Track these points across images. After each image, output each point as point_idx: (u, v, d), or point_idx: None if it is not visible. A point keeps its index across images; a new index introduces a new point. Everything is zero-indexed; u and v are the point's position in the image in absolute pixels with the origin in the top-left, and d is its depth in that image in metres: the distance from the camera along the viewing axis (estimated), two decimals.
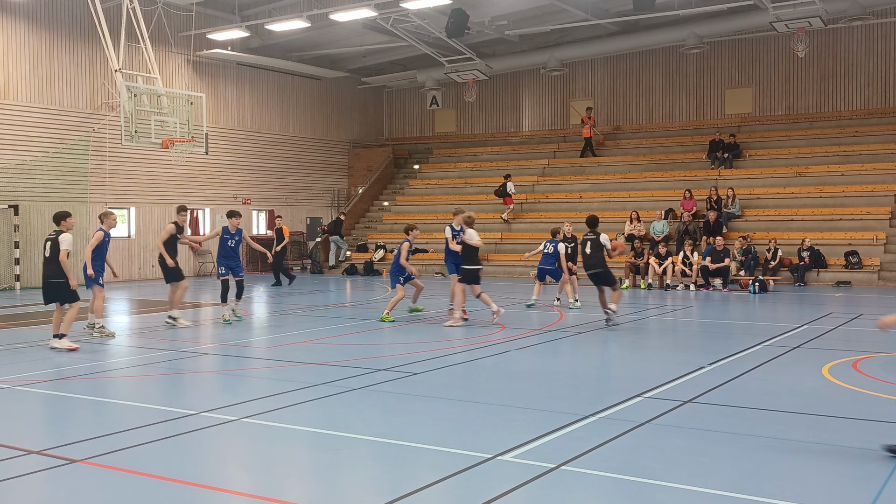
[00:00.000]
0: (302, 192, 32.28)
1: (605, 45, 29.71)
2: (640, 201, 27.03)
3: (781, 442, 6.57)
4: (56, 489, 5.78)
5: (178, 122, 22.57)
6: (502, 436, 6.85)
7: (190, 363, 10.93)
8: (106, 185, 24.98)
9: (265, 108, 30.67)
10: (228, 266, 14.99)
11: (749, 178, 26.68)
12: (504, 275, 26.29)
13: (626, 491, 5.54)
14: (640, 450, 6.47)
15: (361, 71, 33.47)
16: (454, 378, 9.60)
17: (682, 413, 7.68)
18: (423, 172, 33.91)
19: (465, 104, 33.65)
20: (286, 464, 6.40)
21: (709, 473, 5.81)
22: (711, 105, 30.10)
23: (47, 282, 11.57)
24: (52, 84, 23.82)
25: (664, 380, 9.15)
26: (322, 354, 11.17)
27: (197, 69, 27.83)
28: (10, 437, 6.95)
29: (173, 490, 5.62)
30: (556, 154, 31.84)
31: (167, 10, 24.60)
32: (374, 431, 7.07)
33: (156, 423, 7.39)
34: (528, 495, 5.46)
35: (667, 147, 29.85)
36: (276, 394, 8.58)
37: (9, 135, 22.65)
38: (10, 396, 8.71)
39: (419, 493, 5.49)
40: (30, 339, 12.84)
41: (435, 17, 26.08)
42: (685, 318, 16.03)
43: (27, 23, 23.16)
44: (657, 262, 21.82)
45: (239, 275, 15.04)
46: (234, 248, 14.98)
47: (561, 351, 11.76)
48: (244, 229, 15.82)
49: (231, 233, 14.88)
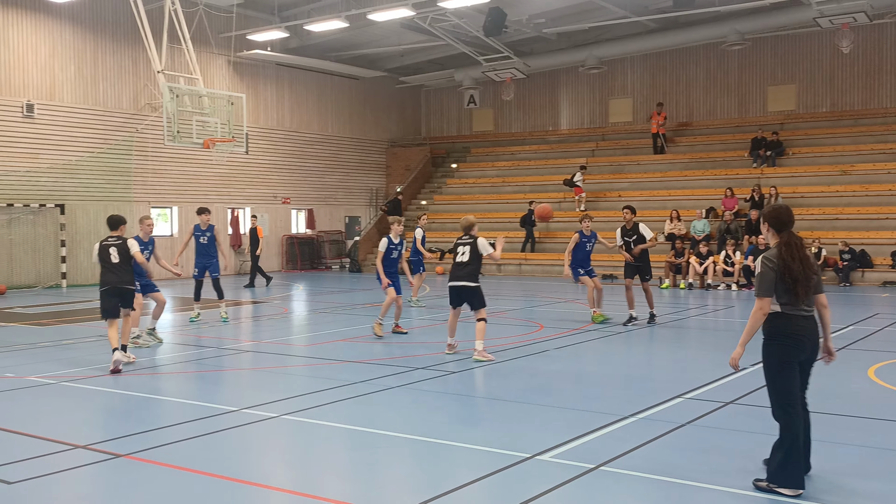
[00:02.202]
0: (340, 191, 32.48)
1: (645, 42, 29.42)
2: (680, 200, 26.72)
3: (828, 445, 6.43)
4: (101, 483, 5.89)
5: (218, 123, 22.83)
6: (540, 435, 6.82)
7: (231, 360, 11.06)
8: (149, 184, 25.38)
9: (304, 108, 30.92)
10: (203, 265, 14.68)
11: (792, 177, 26.24)
12: (542, 273, 26.20)
13: (666, 492, 5.49)
14: (681, 451, 6.40)
15: (399, 70, 33.57)
16: (491, 377, 9.58)
17: (724, 415, 7.58)
18: (460, 171, 33.91)
19: (502, 103, 33.57)
20: (325, 461, 6.44)
21: (751, 476, 5.72)
22: (753, 102, 29.66)
23: (119, 288, 10.40)
24: (97, 85, 24.26)
25: (705, 381, 9.04)
26: (360, 352, 11.23)
27: (237, 70, 28.15)
28: (57, 432, 7.09)
29: (215, 485, 5.70)
30: (595, 152, 31.63)
31: (208, 12, 24.91)
32: (412, 430, 7.08)
33: (198, 420, 7.49)
34: (566, 495, 5.44)
35: (708, 145, 29.48)
36: (315, 391, 8.65)
37: (55, 135, 23.13)
38: (57, 392, 8.90)
39: (457, 491, 5.50)
40: (76, 335, 13.09)
41: (472, 16, 26.05)
42: (727, 318, 15.82)
43: (72, 26, 23.62)
44: (698, 261, 21.58)
45: (214, 274, 14.66)
46: (207, 246, 14.65)
47: (599, 351, 11.67)
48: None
49: (202, 229, 14.64)
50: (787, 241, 5.50)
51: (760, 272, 5.49)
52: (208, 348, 11.79)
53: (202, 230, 14.71)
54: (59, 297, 20.33)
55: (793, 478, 5.38)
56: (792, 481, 5.37)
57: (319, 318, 15.64)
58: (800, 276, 5.39)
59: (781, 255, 5.44)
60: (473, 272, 10.59)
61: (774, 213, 5.65)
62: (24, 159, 22.42)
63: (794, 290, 5.40)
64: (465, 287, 10.57)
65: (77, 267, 23.45)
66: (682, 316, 15.84)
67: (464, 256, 10.61)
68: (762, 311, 5.47)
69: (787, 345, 5.48)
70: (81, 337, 12.84)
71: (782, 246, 5.49)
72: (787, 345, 5.48)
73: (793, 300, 5.43)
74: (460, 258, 10.65)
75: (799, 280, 5.39)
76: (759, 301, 5.49)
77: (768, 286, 5.45)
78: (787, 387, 5.50)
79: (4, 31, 22.12)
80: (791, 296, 5.42)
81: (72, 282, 23.14)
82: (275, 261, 29.68)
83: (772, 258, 5.47)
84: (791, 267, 5.38)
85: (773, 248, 5.57)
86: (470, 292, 10.58)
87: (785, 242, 5.50)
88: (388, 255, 12.61)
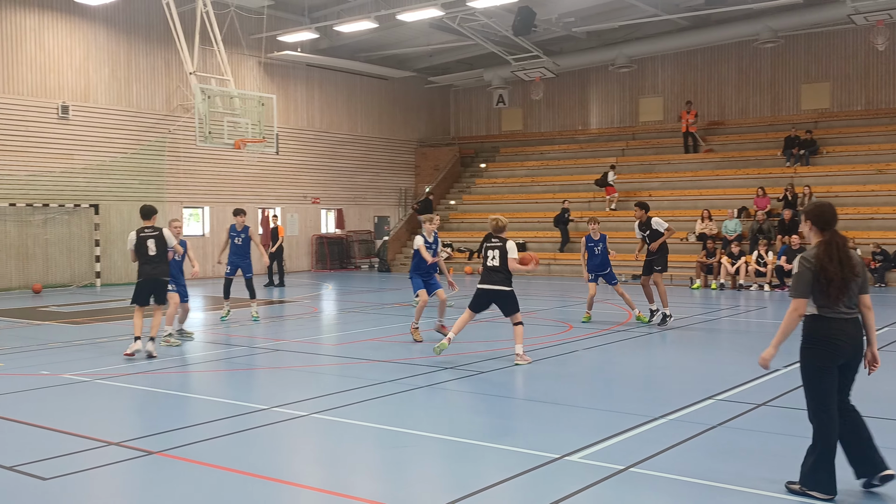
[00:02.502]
0: (369, 191, 32.60)
1: (676, 40, 29.17)
2: (711, 199, 26.46)
3: None
4: (133, 480, 5.96)
5: (249, 123, 23.01)
6: (569, 436, 6.79)
7: (261, 359, 11.14)
8: (181, 184, 25.66)
9: (334, 109, 31.07)
10: (236, 264, 14.97)
11: (826, 176, 25.87)
12: (571, 274, 26.08)
13: (697, 494, 5.44)
14: (712, 453, 6.34)
15: (428, 70, 33.61)
16: (520, 377, 9.56)
17: (756, 416, 7.49)
18: (489, 171, 33.88)
19: (531, 102, 33.46)
20: (354, 459, 6.47)
21: (783, 479, 5.64)
22: (787, 100, 29.28)
23: (154, 279, 10.81)
24: (130, 87, 24.58)
25: (737, 382, 8.94)
26: (389, 352, 11.26)
27: (268, 71, 28.36)
28: (90, 429, 7.20)
29: (245, 483, 5.74)
30: (625, 152, 31.43)
31: (239, 14, 25.12)
32: (441, 429, 7.09)
33: (229, 418, 7.56)
34: (595, 496, 5.40)
35: (740, 144, 29.17)
36: (345, 390, 8.69)
37: (90, 136, 23.47)
38: (91, 389, 9.03)
39: (485, 491, 5.49)
40: (109, 333, 13.27)
41: (501, 16, 26.01)
42: (759, 318, 15.64)
43: (106, 28, 23.94)
44: (730, 261, 21.35)
45: (247, 274, 14.91)
46: (242, 246, 14.93)
47: (629, 351, 11.59)
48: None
49: (238, 230, 14.93)
50: (829, 240, 5.28)
51: (797, 272, 5.32)
52: (239, 347, 11.89)
53: (237, 231, 14.99)
54: (93, 295, 20.63)
55: (824, 482, 5.28)
56: (823, 485, 5.28)
57: (349, 318, 15.71)
58: (835, 277, 5.18)
59: (819, 254, 5.23)
60: (508, 276, 10.29)
61: (817, 211, 5.40)
62: (59, 160, 22.78)
63: (826, 292, 5.21)
64: (499, 291, 10.25)
65: (111, 266, 23.78)
66: (713, 317, 15.68)
67: (494, 261, 10.29)
68: (797, 312, 5.29)
69: (824, 349, 5.29)
70: (115, 335, 13.02)
71: (822, 245, 5.27)
72: (824, 349, 5.29)
73: (828, 302, 5.24)
74: (491, 262, 10.31)
75: (833, 281, 5.18)
76: (794, 302, 5.31)
77: (804, 287, 5.26)
78: (822, 391, 5.34)
79: (40, 34, 22.49)
80: (825, 297, 5.23)
81: (105, 281, 23.47)
82: (304, 260, 29.88)
83: (810, 258, 5.27)
84: (827, 268, 5.18)
85: (812, 248, 5.36)
86: (504, 297, 10.28)
87: (826, 241, 5.27)
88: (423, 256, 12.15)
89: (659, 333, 12.93)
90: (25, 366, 10.39)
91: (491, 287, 10.28)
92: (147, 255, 10.74)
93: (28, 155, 22.16)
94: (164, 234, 10.90)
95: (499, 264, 10.26)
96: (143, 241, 10.77)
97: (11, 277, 21.76)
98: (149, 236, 10.79)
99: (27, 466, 6.05)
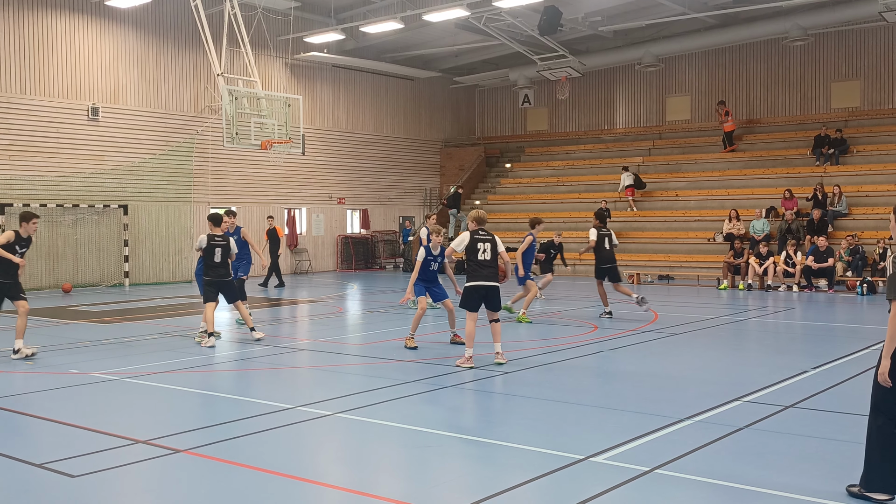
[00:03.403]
0: (394, 191, 32.67)
1: (703, 38, 28.92)
2: (739, 199, 26.22)
3: None
4: (160, 478, 6.02)
5: (276, 124, 23.16)
6: (594, 437, 6.76)
7: (287, 358, 11.21)
8: (209, 185, 25.88)
9: (359, 109, 31.18)
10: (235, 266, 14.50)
11: (857, 175, 25.52)
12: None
13: (724, 496, 5.38)
14: (739, 455, 6.27)
15: (453, 70, 33.62)
16: (545, 378, 9.53)
17: (784, 418, 7.41)
18: (514, 171, 33.81)
19: (557, 102, 33.33)
20: (378, 459, 6.48)
21: (811, 481, 5.58)
22: (816, 99, 28.92)
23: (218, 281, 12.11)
24: (159, 88, 24.84)
25: (764, 384, 8.85)
26: (413, 352, 11.27)
27: (294, 72, 28.52)
28: (118, 427, 7.28)
29: (270, 481, 5.78)
30: (651, 151, 31.22)
31: (266, 15, 25.30)
32: (464, 429, 7.08)
33: (255, 416, 7.61)
34: (621, 498, 5.37)
35: (768, 143, 28.86)
36: (369, 390, 8.71)
37: (119, 138, 23.74)
38: (119, 388, 9.13)
39: (509, 492, 5.48)
40: (138, 333, 13.42)
41: (527, 15, 25.95)
42: (787, 319, 15.47)
43: (135, 30, 24.21)
44: (758, 262, 21.14)
45: (242, 274, 14.63)
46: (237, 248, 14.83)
47: (655, 352, 11.51)
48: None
49: (230, 232, 14.41)
50: None
51: (892, 273, 5.13)
52: (263, 346, 11.97)
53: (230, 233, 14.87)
54: (121, 295, 20.87)
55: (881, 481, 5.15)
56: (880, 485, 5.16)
57: (373, 318, 15.75)
58: None
59: None
60: (497, 272, 10.07)
61: None
62: (89, 161, 23.07)
63: None
64: (491, 287, 9.99)
65: (139, 266, 24.04)
66: (740, 318, 15.53)
67: (486, 254, 9.98)
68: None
69: None
70: (143, 335, 13.16)
71: None
72: None
73: None
74: (482, 256, 9.96)
75: None
76: (893, 305, 5.05)
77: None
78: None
79: (71, 36, 22.79)
80: None
81: (134, 280, 23.73)
82: (330, 261, 30.01)
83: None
84: None
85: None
86: (494, 293, 10.05)
87: None
88: (426, 266, 11.83)
89: (684, 335, 12.83)
90: (55, 364, 10.53)
91: (483, 283, 9.98)
92: (213, 260, 12.04)
93: (59, 156, 22.47)
94: (230, 245, 12.24)
95: (490, 258, 10.02)
96: (212, 248, 12.06)
97: (42, 277, 22.07)
98: (218, 245, 12.10)
99: (56, 464, 6.13)
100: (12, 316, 12.09)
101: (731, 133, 28.84)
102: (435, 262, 11.92)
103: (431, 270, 11.92)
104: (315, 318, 15.91)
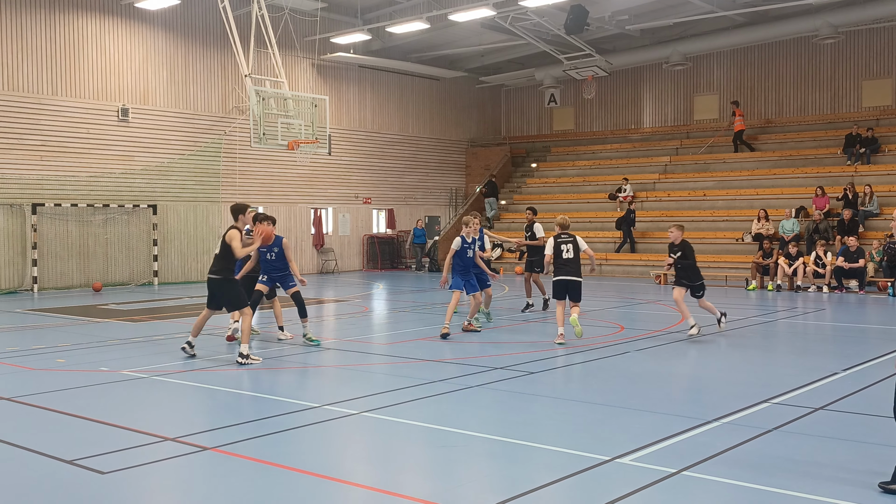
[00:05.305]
0: (420, 191, 32.71)
1: (732, 37, 28.66)
2: (768, 199, 25.95)
3: None
4: (189, 475, 6.08)
5: (302, 125, 23.27)
6: (621, 438, 6.72)
7: (314, 357, 11.26)
8: (236, 185, 26.08)
9: (385, 109, 31.26)
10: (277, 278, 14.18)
11: (888, 174, 25.15)
12: (622, 274, 25.84)
13: (751, 499, 5.33)
14: (767, 458, 6.21)
15: (479, 70, 33.60)
16: (571, 378, 9.50)
17: (813, 420, 7.33)
18: (540, 171, 33.72)
19: (583, 101, 33.20)
20: (404, 458, 6.50)
21: (841, 485, 5.51)
22: (847, 98, 28.55)
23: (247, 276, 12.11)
24: (187, 89, 25.08)
25: (793, 385, 8.75)
26: (439, 351, 11.28)
27: (321, 72, 28.66)
28: (147, 425, 7.36)
29: (297, 479, 5.81)
30: (679, 150, 30.99)
31: (293, 16, 25.44)
32: (490, 429, 7.08)
33: (281, 415, 7.66)
34: (647, 499, 5.34)
35: (798, 142, 28.53)
36: (395, 389, 8.73)
37: (148, 138, 24.01)
38: (148, 386, 9.23)
39: (535, 492, 5.47)
40: (167, 331, 13.55)
41: (553, 14, 25.87)
42: (817, 321, 15.28)
43: (164, 32, 24.46)
44: (787, 262, 20.90)
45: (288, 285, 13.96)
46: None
47: (683, 353, 11.43)
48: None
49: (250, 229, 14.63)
50: None
51: None
52: (290, 345, 12.04)
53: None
54: (150, 294, 21.09)
55: None
56: None
57: (399, 317, 15.79)
58: None
59: None
60: (580, 268, 11.87)
61: None
62: (119, 161, 23.34)
63: None
64: (573, 281, 11.75)
65: (168, 265, 24.29)
66: (769, 319, 15.37)
67: (569, 253, 11.81)
68: None
69: None
70: (172, 333, 13.29)
71: None
72: None
73: None
74: (565, 255, 11.79)
75: None
76: None
77: None
78: None
79: (101, 38, 23.08)
80: None
81: (163, 279, 23.98)
82: (356, 260, 30.12)
83: None
84: None
85: None
86: (576, 286, 11.78)
87: None
88: (463, 254, 12.70)
89: (711, 336, 12.71)
90: (85, 362, 10.67)
91: (567, 278, 11.77)
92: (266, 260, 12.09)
93: (89, 156, 22.77)
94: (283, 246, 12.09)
95: (573, 256, 11.83)
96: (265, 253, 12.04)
97: (73, 276, 22.38)
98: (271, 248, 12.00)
99: (86, 461, 6.21)
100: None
101: (741, 133, 28.58)
102: (470, 248, 12.78)
103: (468, 257, 12.78)
104: (341, 318, 15.98)
